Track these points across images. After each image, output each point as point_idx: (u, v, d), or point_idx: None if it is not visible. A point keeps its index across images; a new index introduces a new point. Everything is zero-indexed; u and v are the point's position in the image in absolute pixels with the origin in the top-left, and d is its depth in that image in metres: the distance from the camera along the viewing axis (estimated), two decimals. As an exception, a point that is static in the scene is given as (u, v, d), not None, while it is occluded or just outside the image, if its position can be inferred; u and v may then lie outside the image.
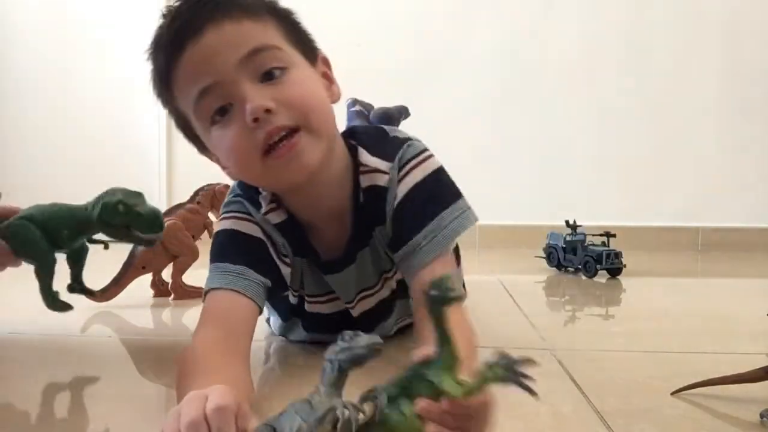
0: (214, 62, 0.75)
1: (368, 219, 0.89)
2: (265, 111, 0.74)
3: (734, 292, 1.80)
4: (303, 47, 0.84)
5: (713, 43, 2.68)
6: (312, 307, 0.98)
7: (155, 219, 1.00)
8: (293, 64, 0.79)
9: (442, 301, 0.53)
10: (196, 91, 0.77)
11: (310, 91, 0.80)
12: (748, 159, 2.70)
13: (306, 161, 0.78)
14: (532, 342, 1.10)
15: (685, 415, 0.73)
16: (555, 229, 2.03)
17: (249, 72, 0.76)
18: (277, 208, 0.88)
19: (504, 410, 0.74)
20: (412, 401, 0.53)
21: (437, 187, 0.88)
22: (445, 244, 0.85)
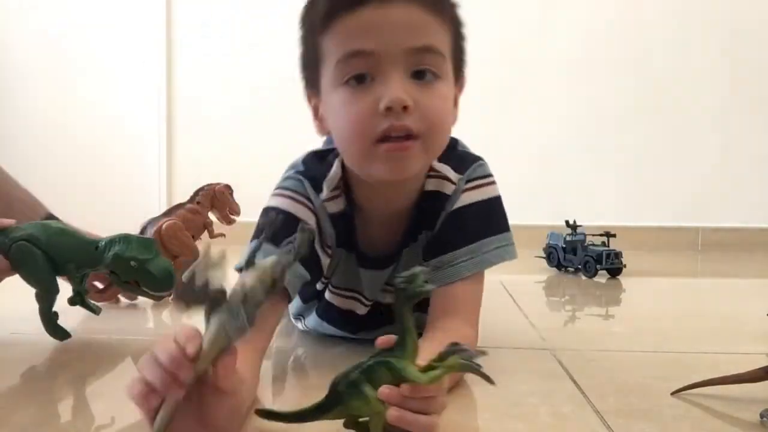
0: (386, 35, 0.75)
1: (422, 222, 0.90)
2: (403, 107, 0.74)
3: (734, 292, 1.80)
4: (457, 63, 0.84)
5: (713, 43, 2.68)
6: (332, 297, 0.98)
7: (167, 279, 0.97)
8: (445, 76, 0.80)
9: (410, 295, 0.57)
10: (353, 47, 0.76)
11: (445, 109, 0.80)
12: (748, 159, 2.70)
13: (407, 167, 0.79)
14: (532, 342, 1.10)
15: (685, 415, 0.73)
16: (555, 229, 2.03)
17: (408, 62, 0.76)
18: (338, 196, 0.88)
19: (504, 410, 0.74)
20: (374, 386, 0.57)
21: (493, 212, 0.90)
22: (480, 267, 0.87)
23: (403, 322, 0.58)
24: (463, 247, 0.87)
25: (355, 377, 0.58)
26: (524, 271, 2.01)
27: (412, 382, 0.57)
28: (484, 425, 0.72)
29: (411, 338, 0.58)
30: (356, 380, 0.58)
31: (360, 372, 0.58)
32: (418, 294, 0.57)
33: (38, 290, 0.98)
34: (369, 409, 0.58)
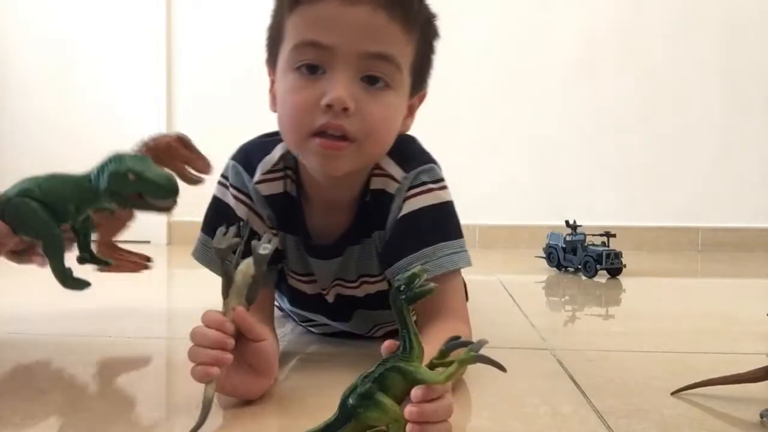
0: (344, 33, 0.75)
1: (368, 220, 0.90)
2: (343, 108, 0.75)
3: (734, 292, 1.80)
4: (417, 77, 0.84)
5: (713, 43, 2.68)
6: (294, 283, 0.98)
7: (168, 183, 0.90)
8: (398, 87, 0.80)
9: (411, 298, 0.55)
10: (310, 37, 0.76)
11: (389, 120, 0.80)
12: (748, 159, 2.70)
13: (337, 167, 0.79)
14: (532, 342, 1.10)
15: (685, 415, 0.73)
16: (555, 229, 2.03)
17: (361, 65, 0.76)
18: (278, 178, 0.89)
19: (504, 410, 0.74)
20: (387, 394, 0.55)
21: (444, 218, 0.89)
22: (434, 273, 0.84)
23: (406, 324, 0.57)
24: (417, 251, 0.85)
25: (367, 388, 0.56)
26: (524, 271, 2.01)
27: (428, 383, 0.56)
28: (484, 425, 0.72)
29: (416, 339, 0.57)
30: (369, 391, 0.56)
31: (372, 381, 0.56)
32: (419, 296, 0.55)
33: (45, 243, 0.93)
34: (387, 417, 0.56)
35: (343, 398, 0.57)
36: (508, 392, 0.80)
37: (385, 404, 0.55)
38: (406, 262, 0.85)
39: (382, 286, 0.95)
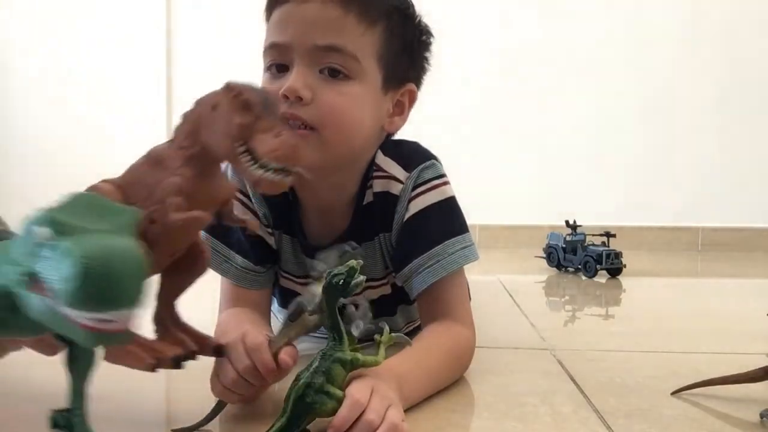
0: (297, 29, 0.80)
1: (372, 223, 0.89)
2: (297, 97, 0.77)
3: (734, 292, 1.80)
4: (391, 69, 0.84)
5: (713, 42, 2.68)
6: (287, 284, 0.98)
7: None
8: (361, 78, 0.81)
9: (338, 292, 0.62)
10: (272, 39, 0.82)
11: (349, 108, 0.81)
12: (748, 159, 2.70)
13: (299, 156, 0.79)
14: (532, 342, 1.10)
15: (685, 415, 0.73)
16: (555, 229, 2.03)
17: (316, 58, 0.79)
18: None
19: (504, 410, 0.74)
20: (333, 384, 0.62)
21: (450, 214, 0.89)
22: (447, 271, 0.85)
23: (336, 316, 0.63)
24: (426, 252, 0.86)
25: (320, 383, 0.61)
26: (524, 271, 2.01)
27: (369, 366, 0.64)
28: (484, 425, 0.72)
29: (343, 329, 0.63)
30: (321, 385, 0.61)
31: (322, 375, 0.62)
32: (350, 291, 0.62)
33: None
34: (338, 405, 0.61)
35: (296, 395, 0.61)
36: (508, 392, 0.81)
37: (338, 395, 0.61)
38: (418, 263, 0.86)
39: (384, 291, 0.95)
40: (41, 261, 0.41)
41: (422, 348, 0.78)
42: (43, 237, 0.41)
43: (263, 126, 0.58)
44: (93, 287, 0.39)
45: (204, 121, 0.60)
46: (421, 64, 0.90)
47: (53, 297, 0.40)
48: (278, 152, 0.57)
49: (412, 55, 0.88)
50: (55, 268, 0.40)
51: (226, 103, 0.59)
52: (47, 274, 0.40)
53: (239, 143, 0.58)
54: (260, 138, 0.57)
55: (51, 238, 0.41)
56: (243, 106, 0.58)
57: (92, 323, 0.40)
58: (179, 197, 0.58)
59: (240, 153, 0.58)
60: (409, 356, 0.74)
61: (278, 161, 0.58)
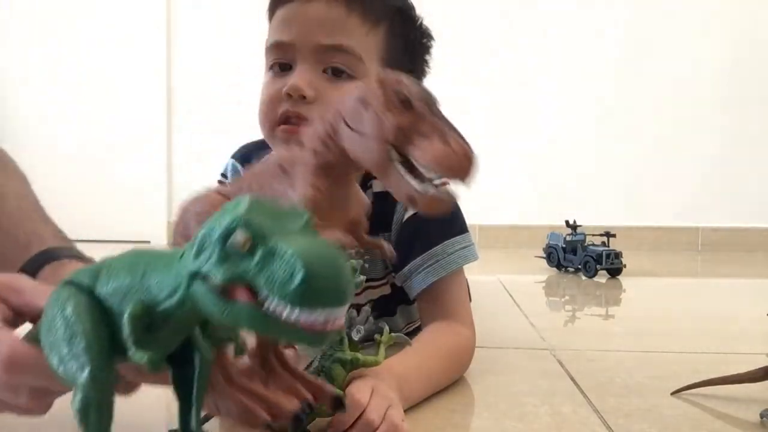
0: (301, 29, 0.80)
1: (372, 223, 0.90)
2: (300, 96, 0.78)
3: (734, 292, 1.80)
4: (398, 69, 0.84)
5: (714, 42, 2.68)
6: None
7: None
8: (364, 78, 0.80)
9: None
10: (275, 38, 0.82)
11: None
12: (748, 159, 2.70)
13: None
14: (532, 342, 1.10)
15: (685, 415, 0.73)
16: (555, 229, 2.03)
17: (320, 58, 0.80)
18: None
19: (504, 410, 0.74)
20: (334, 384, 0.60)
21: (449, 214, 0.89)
22: (447, 270, 0.86)
23: None
24: (427, 251, 0.86)
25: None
26: (524, 271, 2.01)
27: (369, 366, 0.63)
28: (484, 425, 0.72)
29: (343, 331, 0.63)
30: None
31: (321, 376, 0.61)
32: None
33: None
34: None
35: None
36: (508, 392, 0.80)
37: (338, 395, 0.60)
38: (417, 263, 0.86)
39: (384, 291, 0.95)
40: (243, 267, 0.38)
41: (422, 348, 0.78)
42: (243, 242, 0.39)
43: (426, 129, 0.46)
44: (324, 285, 0.37)
45: (348, 121, 0.49)
46: (422, 66, 0.90)
47: (271, 302, 0.37)
48: (445, 162, 0.45)
49: (413, 57, 0.88)
50: (275, 272, 0.38)
51: (380, 98, 0.47)
52: (262, 279, 0.38)
53: (395, 149, 0.46)
54: (422, 144, 0.45)
55: (250, 243, 0.39)
56: (401, 103, 0.47)
57: (320, 324, 0.37)
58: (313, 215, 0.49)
59: (394, 161, 0.46)
60: (410, 356, 0.74)
61: (443, 173, 0.45)
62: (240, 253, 0.39)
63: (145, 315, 0.42)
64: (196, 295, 0.41)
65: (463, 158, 0.45)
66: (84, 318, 0.44)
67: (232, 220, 0.39)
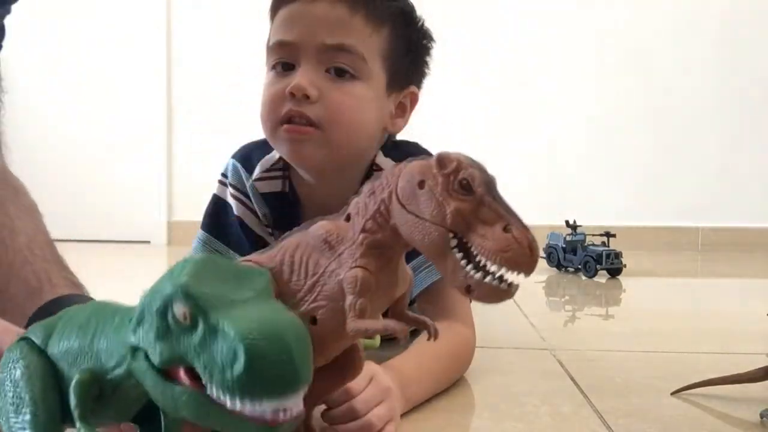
0: (305, 28, 0.80)
1: None
2: (304, 95, 0.78)
3: (734, 292, 1.80)
4: (396, 71, 0.85)
5: (714, 42, 2.68)
6: None
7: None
8: (367, 79, 0.81)
9: None
10: (278, 37, 0.82)
11: (355, 108, 0.81)
12: (748, 159, 2.70)
13: (305, 154, 0.81)
14: (532, 342, 1.10)
15: (685, 415, 0.73)
16: (555, 229, 2.03)
17: (324, 57, 0.80)
18: (276, 177, 0.90)
19: (504, 410, 0.74)
20: None
21: None
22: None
23: None
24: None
25: None
26: (524, 271, 2.01)
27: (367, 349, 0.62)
28: (484, 425, 0.72)
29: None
30: None
31: None
32: None
33: None
34: None
35: None
36: (508, 392, 0.80)
37: None
38: (416, 263, 0.85)
39: None
40: (183, 345, 0.33)
41: (423, 349, 0.77)
42: (183, 316, 0.33)
43: (487, 215, 0.43)
44: (271, 371, 0.31)
45: (402, 201, 0.46)
46: (422, 68, 0.91)
47: (211, 388, 0.32)
48: (507, 254, 0.42)
49: (415, 58, 0.88)
50: (215, 356, 0.32)
51: (439, 179, 0.45)
52: (200, 361, 0.32)
53: (452, 235, 0.43)
54: (482, 232, 0.43)
55: (191, 317, 0.33)
56: (461, 187, 0.44)
57: (270, 415, 0.32)
58: (364, 296, 0.45)
59: (452, 247, 0.43)
60: (411, 357, 0.74)
61: (507, 265, 0.42)
62: (181, 328, 0.34)
63: (94, 383, 0.38)
64: (136, 372, 0.36)
65: (526, 249, 0.42)
66: (32, 383, 0.39)
67: (172, 290, 0.34)
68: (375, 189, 0.48)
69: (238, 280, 0.36)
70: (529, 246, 0.42)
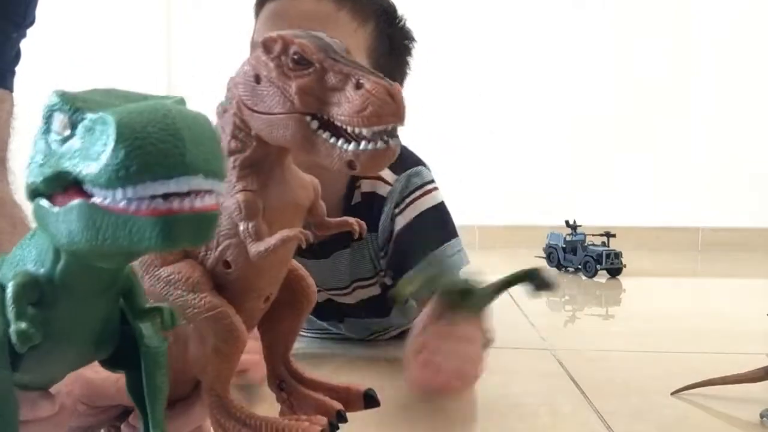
0: (292, 24, 0.79)
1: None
2: None
3: (734, 292, 1.80)
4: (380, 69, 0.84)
5: (714, 42, 2.68)
6: None
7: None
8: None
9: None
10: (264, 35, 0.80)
11: None
12: (748, 159, 2.70)
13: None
14: (532, 342, 1.10)
15: (685, 415, 0.73)
16: (555, 229, 2.03)
17: None
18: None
19: (504, 410, 0.74)
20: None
21: (443, 218, 0.91)
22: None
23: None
24: (425, 256, 0.87)
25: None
26: (524, 271, 2.01)
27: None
28: (484, 425, 0.72)
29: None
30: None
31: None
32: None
33: None
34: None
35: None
36: (508, 392, 0.80)
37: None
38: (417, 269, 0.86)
39: (374, 291, 0.95)
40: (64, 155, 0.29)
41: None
42: (62, 125, 0.29)
43: (334, 81, 0.38)
44: (150, 148, 0.26)
45: (248, 105, 0.41)
46: (404, 68, 0.91)
47: (94, 190, 0.27)
48: (367, 111, 0.37)
49: (398, 57, 0.89)
50: (89, 147, 0.27)
51: (271, 65, 0.40)
52: (79, 163, 0.28)
53: (309, 116, 0.39)
54: (335, 100, 0.38)
55: (69, 123, 0.29)
56: (296, 62, 0.39)
57: (163, 204, 0.26)
58: (255, 219, 0.41)
59: (315, 130, 0.39)
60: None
61: (371, 123, 0.37)
62: (62, 140, 0.29)
63: (29, 284, 0.33)
64: (38, 218, 0.31)
65: (385, 98, 0.37)
66: None
67: (50, 101, 0.30)
68: (225, 108, 0.43)
69: (128, 99, 0.31)
70: (388, 93, 0.37)
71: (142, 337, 0.38)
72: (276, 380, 0.49)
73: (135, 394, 0.39)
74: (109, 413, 0.50)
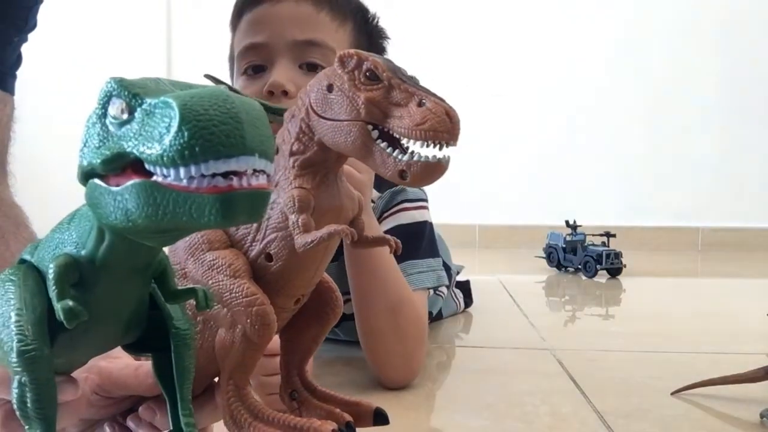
0: (274, 28, 0.81)
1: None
2: (282, 91, 0.78)
3: (734, 292, 1.80)
4: None
5: (713, 43, 2.68)
6: None
7: None
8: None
9: None
10: (248, 41, 0.83)
11: None
12: (748, 159, 2.70)
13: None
14: (532, 342, 1.10)
15: (685, 415, 0.73)
16: (555, 229, 2.03)
17: (296, 54, 0.81)
18: None
19: (504, 410, 0.74)
20: None
21: (420, 236, 0.91)
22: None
23: None
24: None
25: None
26: (524, 271, 2.01)
27: None
28: (484, 425, 0.72)
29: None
30: None
31: None
32: None
33: None
34: None
35: None
36: (508, 392, 0.80)
37: None
38: None
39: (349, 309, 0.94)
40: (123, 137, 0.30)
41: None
42: (120, 110, 0.31)
43: (399, 98, 0.42)
44: (212, 130, 0.28)
45: (318, 112, 0.45)
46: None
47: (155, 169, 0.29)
48: (425, 125, 0.40)
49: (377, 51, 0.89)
50: (152, 132, 0.29)
51: (345, 77, 0.44)
52: (139, 144, 0.29)
53: (371, 125, 0.42)
54: (398, 114, 0.42)
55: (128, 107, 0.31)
56: (368, 77, 0.43)
57: (223, 182, 0.28)
58: (305, 213, 0.43)
59: (374, 139, 0.42)
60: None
61: (427, 137, 0.40)
62: (119, 124, 0.31)
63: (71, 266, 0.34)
64: (91, 198, 0.32)
65: (443, 117, 0.40)
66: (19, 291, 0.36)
67: (107, 88, 0.32)
68: (294, 113, 0.47)
69: (185, 88, 0.32)
70: (446, 113, 0.41)
71: (171, 319, 0.40)
72: (288, 389, 0.50)
73: (162, 378, 0.41)
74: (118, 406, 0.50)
